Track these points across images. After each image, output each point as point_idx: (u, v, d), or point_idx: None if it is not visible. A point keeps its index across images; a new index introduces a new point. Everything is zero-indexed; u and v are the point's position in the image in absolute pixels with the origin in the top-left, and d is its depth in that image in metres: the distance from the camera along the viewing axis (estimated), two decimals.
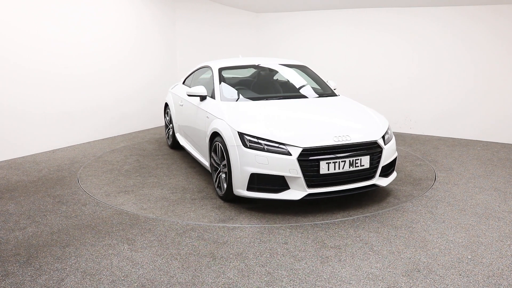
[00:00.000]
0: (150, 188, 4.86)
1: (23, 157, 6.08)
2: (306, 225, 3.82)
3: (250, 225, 3.80)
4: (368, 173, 4.13)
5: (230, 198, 4.25)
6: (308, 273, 3.00)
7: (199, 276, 2.94)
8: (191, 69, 6.85)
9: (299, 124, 4.30)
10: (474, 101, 7.90)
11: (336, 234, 3.63)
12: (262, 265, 3.10)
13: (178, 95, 6.32)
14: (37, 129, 6.30)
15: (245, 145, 3.98)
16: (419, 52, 8.34)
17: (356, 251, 3.33)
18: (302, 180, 3.84)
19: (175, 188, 4.87)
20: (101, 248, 3.35)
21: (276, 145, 3.89)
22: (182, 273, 2.98)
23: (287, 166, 3.83)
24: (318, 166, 3.85)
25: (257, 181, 3.95)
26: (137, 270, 3.02)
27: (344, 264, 3.12)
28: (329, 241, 3.49)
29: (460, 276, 2.96)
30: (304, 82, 5.67)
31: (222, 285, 2.83)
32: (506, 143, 7.49)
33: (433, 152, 6.77)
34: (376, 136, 4.17)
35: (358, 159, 3.99)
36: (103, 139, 7.37)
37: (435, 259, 3.20)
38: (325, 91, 5.43)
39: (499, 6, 7.41)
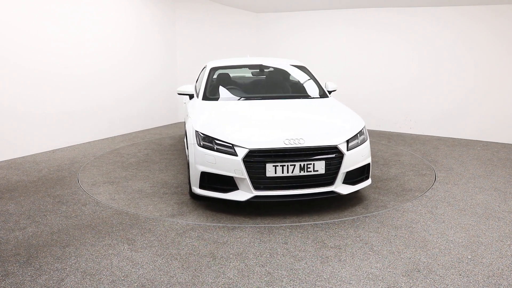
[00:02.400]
0: (136, 181, 5.10)
1: (23, 157, 6.08)
2: (306, 225, 3.82)
3: (250, 225, 3.80)
4: (325, 179, 3.90)
5: (194, 195, 4.27)
6: (308, 273, 3.00)
7: (199, 276, 2.94)
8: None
9: (259, 125, 4.22)
10: (474, 101, 7.90)
11: (336, 234, 3.63)
12: (262, 265, 3.10)
13: None
14: (37, 129, 6.30)
15: (199, 144, 4.04)
16: (419, 52, 8.34)
17: (356, 251, 3.33)
18: (248, 182, 3.79)
19: (158, 182, 5.04)
20: (101, 248, 3.35)
21: (225, 145, 3.88)
22: (182, 273, 2.98)
23: (232, 166, 3.80)
24: (264, 168, 3.77)
25: (208, 180, 3.99)
26: (137, 270, 3.02)
27: (344, 264, 3.12)
28: (329, 241, 3.49)
29: (460, 276, 2.96)
30: (295, 83, 5.64)
31: (222, 285, 2.83)
32: (506, 143, 7.49)
33: (433, 152, 6.77)
34: (336, 141, 3.93)
35: (311, 164, 3.80)
36: (103, 139, 7.37)
37: (435, 259, 3.20)
38: (315, 92, 5.31)
39: (499, 6, 7.41)
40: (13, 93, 5.91)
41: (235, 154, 3.81)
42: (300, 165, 3.78)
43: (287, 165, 3.77)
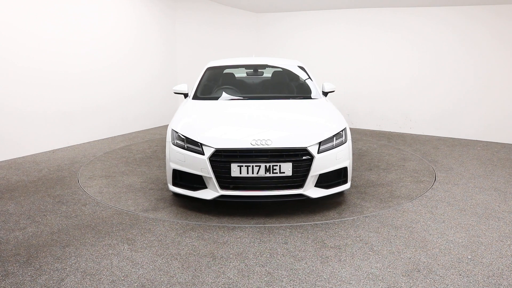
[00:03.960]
0: (130, 176, 5.28)
1: (23, 157, 6.08)
2: (306, 225, 3.82)
3: (250, 225, 3.80)
4: (293, 182, 3.83)
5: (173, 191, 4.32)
6: (308, 273, 3.00)
7: (199, 276, 2.94)
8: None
9: (232, 125, 4.23)
10: (474, 101, 7.90)
11: (336, 234, 3.63)
12: (262, 265, 3.10)
13: None
14: (37, 129, 6.30)
15: (172, 142, 4.10)
16: (419, 52, 8.34)
17: (356, 251, 3.33)
18: (214, 181, 3.81)
19: (150, 178, 5.19)
20: (101, 248, 3.35)
21: (194, 144, 3.92)
22: (182, 273, 2.98)
23: (199, 165, 3.84)
24: (229, 168, 3.76)
25: (180, 177, 4.06)
26: (137, 270, 3.02)
27: (344, 264, 3.12)
28: (329, 241, 3.49)
29: (460, 276, 2.96)
30: (288, 84, 5.64)
31: (222, 285, 2.83)
32: (506, 143, 7.49)
33: (433, 152, 6.77)
34: (307, 143, 3.84)
35: (277, 165, 3.75)
36: (103, 139, 7.37)
37: (435, 259, 3.20)
38: (307, 93, 5.24)
39: (499, 6, 7.41)
40: (13, 93, 5.91)
41: (202, 153, 3.84)
42: (265, 166, 3.74)
43: (252, 166, 3.74)
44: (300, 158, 3.80)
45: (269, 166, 3.74)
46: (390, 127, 8.82)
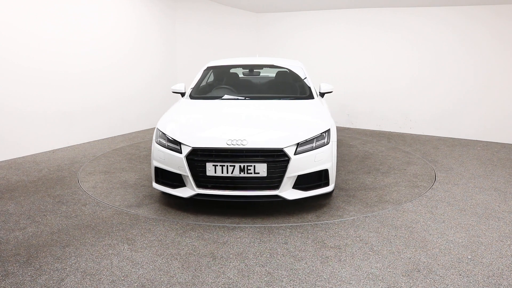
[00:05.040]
0: (128, 173, 5.40)
1: (23, 157, 6.08)
2: (306, 225, 3.82)
3: (250, 225, 3.80)
4: (269, 182, 3.79)
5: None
6: (308, 273, 3.00)
7: (199, 276, 2.94)
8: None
9: (212, 125, 4.24)
10: (474, 101, 7.91)
11: (336, 234, 3.63)
12: (262, 265, 3.10)
13: None
14: (37, 129, 6.30)
15: (156, 140, 4.18)
16: (419, 52, 8.34)
17: (356, 251, 3.33)
18: (190, 179, 3.85)
19: (147, 175, 5.29)
20: (101, 248, 3.35)
21: (173, 142, 3.97)
22: (182, 273, 2.98)
23: (177, 163, 3.89)
24: (205, 167, 3.79)
25: (161, 175, 4.13)
26: (137, 270, 3.02)
27: (344, 264, 3.12)
28: (329, 241, 3.49)
29: (460, 276, 2.96)
30: (283, 84, 5.64)
31: (222, 285, 2.83)
32: (506, 143, 7.49)
33: (433, 152, 6.77)
34: (283, 144, 3.79)
35: (251, 166, 3.73)
36: (103, 139, 7.37)
37: (435, 259, 3.20)
38: (301, 93, 5.23)
39: (499, 6, 7.41)
40: (13, 93, 5.91)
41: (180, 152, 3.88)
42: (240, 166, 3.74)
43: (227, 166, 3.75)
44: (275, 159, 3.77)
45: (244, 166, 3.74)
46: (390, 127, 8.82)
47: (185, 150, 3.85)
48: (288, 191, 3.87)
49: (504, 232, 3.71)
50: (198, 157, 3.80)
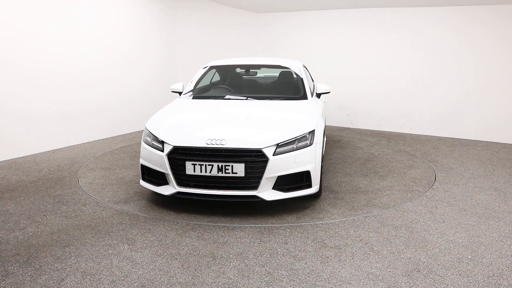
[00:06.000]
0: (128, 169, 5.48)
1: (23, 157, 6.08)
2: (306, 225, 3.82)
3: (250, 225, 3.80)
4: (247, 183, 3.78)
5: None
6: (308, 273, 3.00)
7: (199, 276, 2.94)
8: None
9: (196, 124, 4.28)
10: (474, 101, 7.91)
11: (336, 234, 3.63)
12: (262, 265, 3.10)
13: None
14: (37, 129, 6.30)
15: (143, 139, 4.26)
16: (419, 52, 8.34)
17: (356, 251, 3.33)
18: (171, 177, 3.91)
19: None
20: (101, 248, 3.35)
21: (157, 141, 4.04)
22: (182, 273, 2.98)
23: (159, 161, 3.96)
24: (184, 165, 3.83)
25: (147, 173, 4.21)
26: (137, 270, 3.02)
27: (344, 264, 3.12)
28: (329, 241, 3.49)
29: (460, 276, 2.96)
30: (278, 84, 5.62)
31: (222, 285, 2.83)
32: (506, 143, 7.49)
33: (433, 152, 6.77)
34: (261, 144, 3.77)
35: (229, 166, 3.74)
36: (103, 139, 7.37)
37: (435, 259, 3.20)
38: (296, 93, 5.18)
39: (499, 6, 7.41)
40: (13, 93, 5.91)
41: (162, 150, 3.95)
42: (218, 165, 3.76)
43: (205, 165, 3.78)
44: (254, 159, 3.76)
45: (222, 165, 3.76)
46: (390, 127, 8.82)
47: (167, 149, 3.91)
48: (267, 192, 3.85)
49: (504, 232, 3.71)
50: (179, 156, 3.86)
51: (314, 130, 4.07)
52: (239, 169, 3.75)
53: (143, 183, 4.27)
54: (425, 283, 2.87)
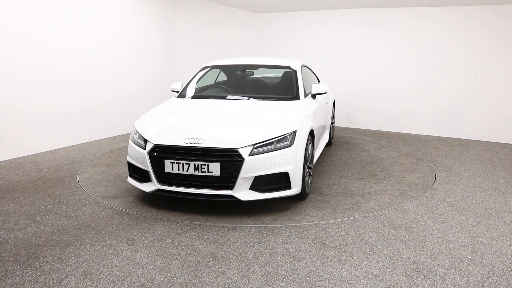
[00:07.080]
0: (126, 167, 5.46)
1: (23, 157, 6.08)
2: (306, 225, 3.82)
3: (250, 225, 3.80)
4: (223, 182, 3.80)
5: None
6: (308, 273, 3.00)
7: (199, 276, 2.94)
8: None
9: (179, 124, 4.35)
10: (474, 101, 7.91)
11: (336, 234, 3.63)
12: (262, 265, 3.10)
13: None
14: (37, 129, 6.30)
15: (131, 137, 4.38)
16: (419, 52, 8.34)
17: (356, 251, 3.33)
18: (152, 175, 4.01)
19: None
20: (101, 248, 3.35)
21: (142, 139, 4.15)
22: (182, 273, 2.98)
23: (141, 159, 4.07)
24: (163, 163, 3.89)
25: (133, 170, 4.32)
26: (137, 270, 3.02)
27: (344, 264, 3.12)
28: (329, 241, 3.49)
29: (460, 276, 2.96)
30: (272, 84, 5.63)
31: (222, 285, 2.83)
32: (506, 143, 7.49)
33: (433, 152, 6.77)
34: (237, 144, 3.77)
35: (205, 165, 3.77)
36: (103, 139, 7.37)
37: (435, 259, 3.20)
38: (288, 94, 5.11)
39: (499, 6, 7.41)
40: (13, 93, 5.91)
41: (144, 148, 4.06)
42: (194, 164, 3.81)
43: (183, 163, 3.84)
44: (229, 159, 3.77)
45: (198, 164, 3.80)
46: (390, 127, 8.82)
47: (148, 147, 4.01)
48: (243, 192, 3.85)
49: (504, 232, 3.71)
50: (159, 154, 3.94)
51: (296, 131, 4.03)
52: (214, 169, 3.78)
53: (129, 180, 4.41)
54: (425, 283, 2.87)
